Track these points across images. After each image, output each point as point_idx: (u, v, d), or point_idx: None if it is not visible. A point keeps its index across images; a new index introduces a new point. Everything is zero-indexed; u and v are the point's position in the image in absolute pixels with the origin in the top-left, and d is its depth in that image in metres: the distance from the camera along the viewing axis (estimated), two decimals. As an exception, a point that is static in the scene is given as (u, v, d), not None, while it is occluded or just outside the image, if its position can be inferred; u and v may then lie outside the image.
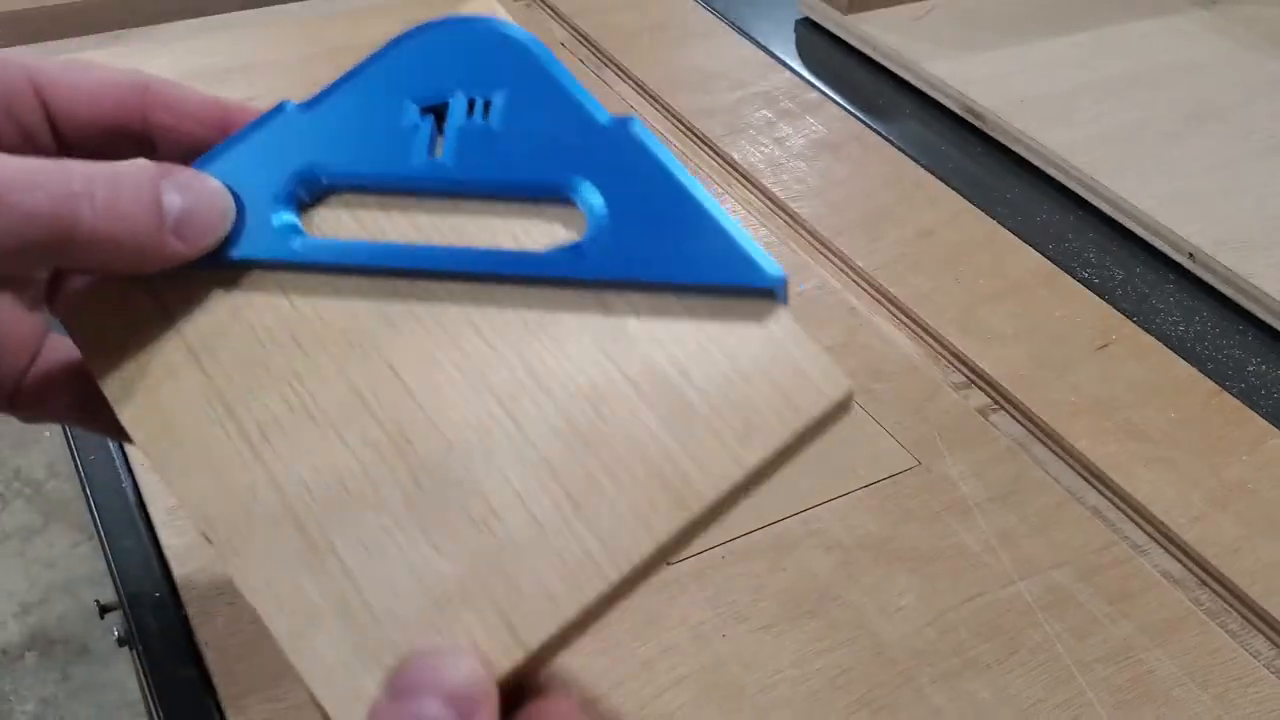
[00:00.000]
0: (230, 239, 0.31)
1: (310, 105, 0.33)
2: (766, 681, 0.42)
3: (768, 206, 0.66)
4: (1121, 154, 0.69)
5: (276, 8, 0.82)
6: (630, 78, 0.76)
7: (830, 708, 0.42)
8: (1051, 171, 0.70)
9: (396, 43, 0.34)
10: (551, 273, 0.30)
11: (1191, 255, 0.63)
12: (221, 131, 0.33)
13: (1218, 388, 0.56)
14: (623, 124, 0.31)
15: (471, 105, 0.32)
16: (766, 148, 0.70)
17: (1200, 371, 0.56)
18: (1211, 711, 0.43)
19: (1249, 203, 0.66)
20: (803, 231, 0.64)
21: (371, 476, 0.29)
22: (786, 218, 0.65)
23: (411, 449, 0.29)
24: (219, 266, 0.31)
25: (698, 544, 0.46)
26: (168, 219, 0.29)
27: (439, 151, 0.32)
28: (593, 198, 0.31)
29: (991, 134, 0.73)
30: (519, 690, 0.28)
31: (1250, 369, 0.58)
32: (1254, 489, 0.51)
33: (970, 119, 0.74)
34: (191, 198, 0.30)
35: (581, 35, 0.81)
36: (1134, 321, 0.59)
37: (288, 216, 0.32)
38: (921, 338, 0.58)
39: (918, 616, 0.45)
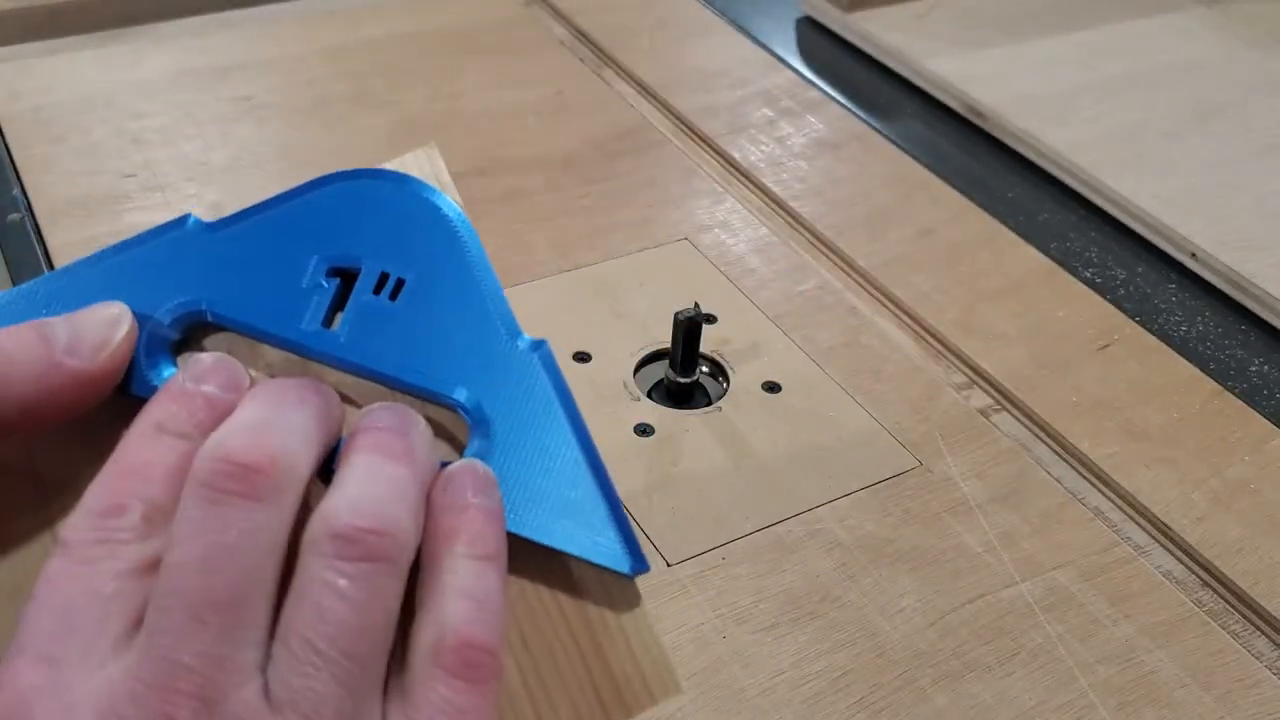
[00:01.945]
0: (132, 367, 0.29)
1: (215, 228, 0.31)
2: (766, 683, 0.42)
3: (768, 205, 0.66)
4: (1122, 153, 0.69)
5: (276, 6, 0.82)
6: (630, 76, 0.76)
7: (831, 709, 0.42)
8: (1053, 170, 0.69)
9: (324, 183, 0.31)
10: None
11: (1194, 255, 0.63)
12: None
13: (1220, 388, 0.55)
14: (532, 349, 0.29)
15: (381, 282, 0.30)
16: (767, 146, 0.70)
17: (1202, 371, 0.56)
18: (1214, 713, 0.42)
19: (1250, 201, 0.66)
20: (803, 231, 0.64)
21: None
22: (787, 217, 0.65)
23: None
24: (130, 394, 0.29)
25: (698, 545, 0.46)
26: (57, 343, 0.28)
27: (335, 323, 0.30)
28: (480, 419, 0.29)
29: (993, 133, 0.73)
30: None
31: (1253, 369, 0.58)
32: (1256, 489, 0.51)
33: (972, 118, 0.74)
34: (75, 319, 0.29)
35: (581, 34, 0.80)
36: (1136, 321, 0.59)
37: (163, 361, 0.29)
38: (923, 337, 0.58)
39: (919, 618, 0.45)
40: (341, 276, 0.30)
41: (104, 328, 0.29)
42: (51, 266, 0.58)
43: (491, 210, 0.63)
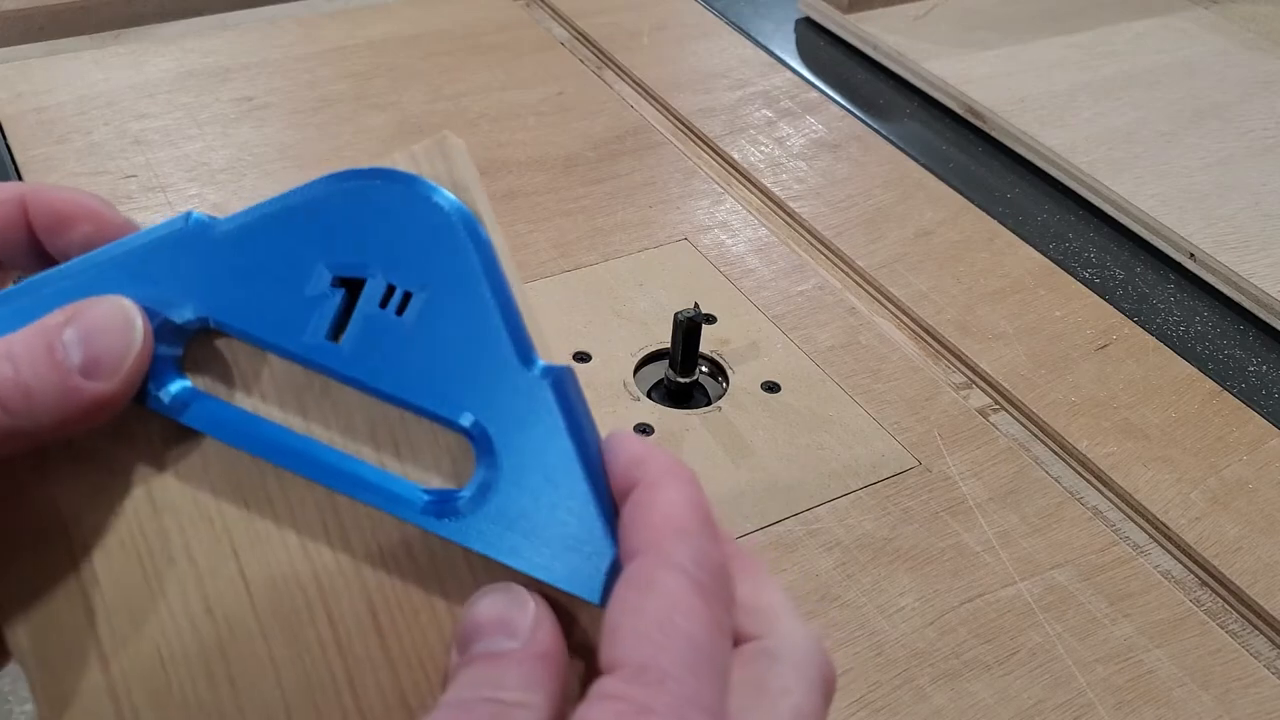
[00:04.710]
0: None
1: (218, 226, 0.30)
2: (767, 681, 0.42)
3: (768, 206, 0.66)
4: (1120, 153, 0.69)
5: (276, 7, 0.82)
6: (630, 78, 0.76)
7: (830, 707, 0.42)
8: (1052, 171, 0.70)
9: (332, 182, 0.29)
10: (413, 520, 0.27)
11: (1192, 255, 0.63)
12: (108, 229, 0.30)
13: (1218, 387, 0.56)
14: (548, 374, 0.28)
15: (389, 294, 0.28)
16: (767, 147, 0.70)
17: (1200, 371, 0.57)
18: (1212, 712, 0.43)
19: (1248, 202, 0.66)
20: (803, 231, 0.64)
21: (189, 659, 0.27)
22: (786, 217, 0.65)
23: (227, 659, 0.27)
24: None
25: (698, 544, 0.47)
26: (70, 363, 0.26)
27: (341, 336, 0.28)
28: (485, 445, 0.27)
29: (992, 134, 0.73)
30: None
31: (1250, 369, 0.58)
32: (1254, 488, 0.51)
33: (970, 118, 0.74)
34: (85, 326, 0.27)
35: (582, 35, 0.81)
36: (1134, 321, 0.59)
37: (171, 377, 0.29)
38: (921, 337, 0.58)
39: (918, 617, 0.45)
40: (347, 286, 0.29)
41: (119, 341, 0.27)
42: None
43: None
